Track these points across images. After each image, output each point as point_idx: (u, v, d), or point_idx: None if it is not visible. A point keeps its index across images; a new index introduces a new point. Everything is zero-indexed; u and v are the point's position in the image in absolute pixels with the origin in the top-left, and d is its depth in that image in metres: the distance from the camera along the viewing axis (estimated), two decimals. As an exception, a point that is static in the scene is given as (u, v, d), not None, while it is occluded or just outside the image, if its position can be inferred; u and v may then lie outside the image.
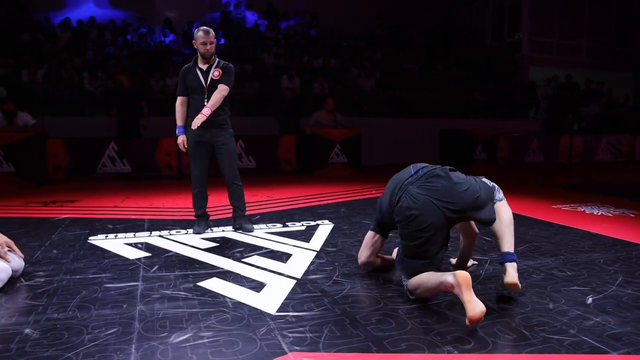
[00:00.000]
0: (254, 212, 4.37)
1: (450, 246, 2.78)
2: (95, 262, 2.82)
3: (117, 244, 3.25)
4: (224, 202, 3.69)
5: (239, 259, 2.87)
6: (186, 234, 3.53)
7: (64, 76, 8.11)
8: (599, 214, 4.33)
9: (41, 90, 8.02)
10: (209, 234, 3.53)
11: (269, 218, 4.10)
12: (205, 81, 3.35)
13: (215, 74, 3.33)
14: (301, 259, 2.88)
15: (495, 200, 2.29)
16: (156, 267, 2.71)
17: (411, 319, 2.01)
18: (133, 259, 2.87)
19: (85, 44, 9.79)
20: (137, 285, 2.42)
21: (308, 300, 2.22)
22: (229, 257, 2.93)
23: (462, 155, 8.23)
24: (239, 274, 2.59)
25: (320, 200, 5.04)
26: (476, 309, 1.82)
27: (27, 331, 1.90)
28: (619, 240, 3.33)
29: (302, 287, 2.39)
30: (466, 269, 2.65)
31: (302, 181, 6.67)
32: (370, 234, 2.57)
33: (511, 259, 2.19)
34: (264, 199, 5.14)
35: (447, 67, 11.93)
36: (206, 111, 3.22)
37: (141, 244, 3.24)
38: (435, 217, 2.09)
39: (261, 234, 3.50)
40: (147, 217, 4.15)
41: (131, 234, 3.51)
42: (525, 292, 2.30)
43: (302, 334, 1.87)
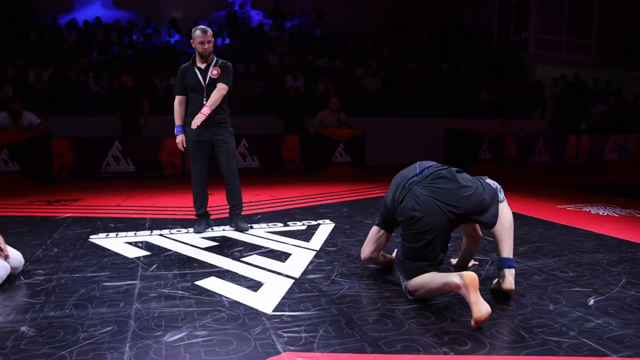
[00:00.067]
0: (256, 211, 4.37)
1: (451, 246, 2.75)
2: (95, 261, 2.83)
3: (118, 242, 3.25)
4: (225, 201, 3.68)
5: (238, 258, 2.86)
6: (187, 233, 3.53)
7: (69, 76, 8.17)
8: (604, 214, 4.26)
9: (47, 91, 8.08)
10: (209, 233, 3.53)
11: (270, 217, 4.09)
12: (204, 80, 3.34)
13: (213, 72, 3.33)
14: (300, 258, 2.86)
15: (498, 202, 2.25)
16: (155, 266, 2.71)
17: (408, 319, 1.98)
18: (132, 258, 2.88)
19: (91, 44, 9.86)
20: (134, 283, 2.42)
21: (305, 300, 2.20)
22: (228, 256, 2.92)
23: (467, 155, 8.18)
24: (237, 273, 2.58)
25: (322, 200, 5.03)
26: (482, 311, 1.81)
27: (23, 329, 1.90)
28: (624, 241, 3.27)
29: (300, 286, 2.38)
30: (467, 269, 2.62)
31: (306, 181, 6.65)
32: (375, 229, 2.50)
33: (510, 265, 2.17)
34: (267, 198, 5.14)
35: (454, 66, 11.85)
36: (205, 110, 3.21)
37: (141, 242, 3.25)
38: (438, 220, 2.05)
39: (261, 234, 3.49)
40: (149, 216, 4.16)
41: (132, 233, 3.52)
42: (526, 293, 2.27)
43: (297, 333, 1.85)
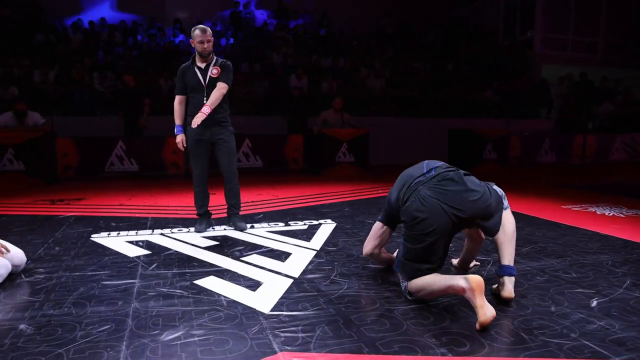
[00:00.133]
0: (257, 210, 4.36)
1: (452, 246, 2.73)
2: (96, 260, 2.83)
3: (119, 241, 3.26)
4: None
5: (237, 258, 2.85)
6: (188, 232, 3.53)
7: (74, 77, 8.22)
8: (610, 214, 4.21)
9: (52, 91, 8.13)
10: (210, 232, 3.52)
11: (271, 217, 4.08)
12: (204, 79, 3.34)
13: (213, 72, 3.32)
14: (300, 258, 2.85)
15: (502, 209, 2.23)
16: (155, 265, 2.71)
17: (407, 320, 1.96)
18: (133, 257, 2.88)
19: (96, 44, 9.91)
20: (134, 282, 2.42)
21: (303, 299, 2.19)
22: (228, 255, 2.92)
23: (472, 155, 8.12)
24: (237, 273, 2.57)
25: (324, 200, 5.01)
26: (488, 314, 1.81)
27: (21, 327, 1.91)
28: (629, 242, 3.23)
29: (299, 286, 2.37)
30: (468, 270, 2.60)
31: (308, 180, 6.64)
32: (378, 225, 2.47)
33: (510, 272, 2.14)
34: (269, 197, 5.13)
35: (458, 66, 11.79)
36: (206, 109, 3.20)
37: (142, 241, 3.25)
38: (442, 222, 2.02)
39: (262, 233, 3.48)
40: (150, 216, 4.17)
41: (133, 232, 3.53)
42: (527, 294, 2.24)
43: (294, 333, 1.84)
